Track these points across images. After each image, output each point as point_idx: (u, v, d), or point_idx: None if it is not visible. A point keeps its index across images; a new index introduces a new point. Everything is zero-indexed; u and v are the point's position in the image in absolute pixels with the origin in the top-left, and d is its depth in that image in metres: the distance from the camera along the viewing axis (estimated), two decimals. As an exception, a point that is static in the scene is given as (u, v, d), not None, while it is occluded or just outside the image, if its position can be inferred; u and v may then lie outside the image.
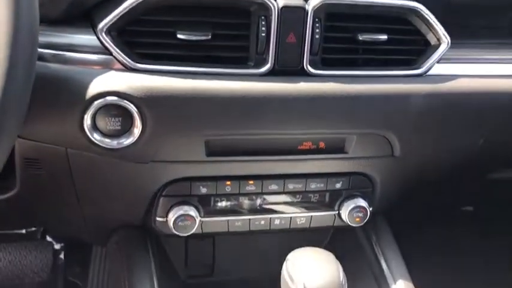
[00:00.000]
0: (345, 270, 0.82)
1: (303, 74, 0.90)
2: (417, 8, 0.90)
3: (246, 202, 1.03)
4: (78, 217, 1.07)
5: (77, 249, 1.66)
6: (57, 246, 1.73)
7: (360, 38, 0.90)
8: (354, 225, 1.06)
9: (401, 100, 0.94)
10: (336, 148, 0.99)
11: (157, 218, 1.00)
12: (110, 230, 1.12)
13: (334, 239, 1.20)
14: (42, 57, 0.83)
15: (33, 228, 1.75)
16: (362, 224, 1.06)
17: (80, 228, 1.13)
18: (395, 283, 1.05)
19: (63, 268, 1.69)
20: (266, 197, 1.03)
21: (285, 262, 0.83)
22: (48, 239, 1.73)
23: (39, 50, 0.83)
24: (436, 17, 0.92)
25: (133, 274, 1.02)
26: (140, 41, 0.84)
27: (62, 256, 1.74)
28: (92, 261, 1.54)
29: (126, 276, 1.03)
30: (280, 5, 0.85)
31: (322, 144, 0.98)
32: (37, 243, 1.62)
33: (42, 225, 1.55)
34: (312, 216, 1.06)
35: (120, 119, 0.85)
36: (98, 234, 1.17)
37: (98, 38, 0.83)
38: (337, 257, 0.83)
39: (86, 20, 0.85)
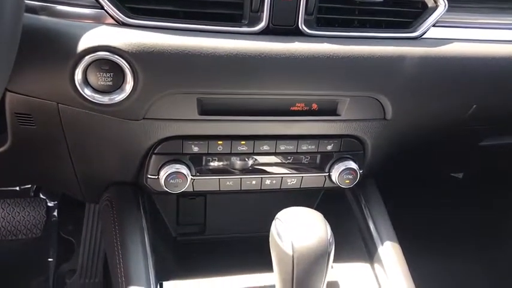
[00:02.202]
0: (333, 230, 0.84)
1: (298, 34, 0.89)
2: None
3: (237, 162, 1.04)
4: (70, 174, 1.08)
5: (70, 207, 1.68)
6: (50, 204, 1.74)
7: None
8: (343, 186, 1.07)
9: (395, 62, 0.93)
10: (328, 110, 0.99)
11: (149, 176, 1.01)
12: (102, 187, 1.13)
13: (323, 201, 1.22)
14: (32, 9, 0.81)
15: (27, 186, 1.76)
16: (352, 185, 1.07)
17: (73, 185, 1.14)
18: (382, 244, 1.07)
19: (56, 225, 1.71)
20: (258, 157, 1.04)
21: (274, 221, 0.85)
22: (42, 196, 1.74)
23: (29, 1, 0.82)
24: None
25: (125, 230, 1.03)
26: None
27: (55, 213, 1.75)
28: (85, 218, 1.55)
29: (117, 232, 1.05)
30: None
31: (314, 106, 0.98)
32: (30, 200, 1.63)
33: (35, 182, 1.56)
34: (302, 177, 1.07)
35: (111, 74, 0.84)
36: (91, 192, 1.18)
37: None
38: (326, 218, 0.85)
39: None
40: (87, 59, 0.82)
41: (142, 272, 0.96)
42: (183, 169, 0.99)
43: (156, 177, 1.00)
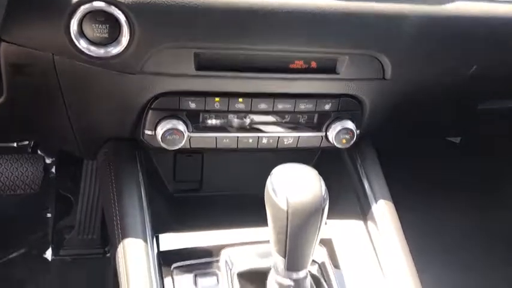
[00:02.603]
0: (328, 189, 0.84)
1: (298, -12, 0.87)
2: None
3: (235, 120, 1.04)
4: (67, 128, 1.08)
5: (68, 165, 1.69)
6: (48, 161, 1.75)
7: None
8: (340, 146, 1.07)
9: (397, 21, 0.92)
10: (327, 68, 0.98)
11: (146, 131, 1.01)
12: (99, 143, 1.13)
13: (320, 161, 1.22)
14: None
15: (24, 143, 1.76)
16: (348, 145, 1.07)
17: (70, 140, 1.14)
18: (376, 203, 1.08)
19: (54, 182, 1.72)
20: (255, 116, 1.03)
21: (269, 176, 0.85)
22: (39, 153, 1.74)
23: None
24: None
25: (121, 184, 1.04)
26: None
27: (53, 170, 1.76)
28: (83, 175, 1.56)
29: (114, 186, 1.05)
30: None
31: (313, 64, 0.97)
32: (28, 156, 1.63)
33: (33, 137, 1.56)
34: (299, 136, 1.07)
35: (107, 26, 0.82)
36: (88, 147, 1.18)
37: None
38: (322, 178, 0.85)
39: None
40: (83, 9, 0.80)
41: (138, 225, 0.97)
42: (180, 125, 0.99)
43: (153, 133, 1.00)
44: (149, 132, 1.01)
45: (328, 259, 1.00)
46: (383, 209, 1.07)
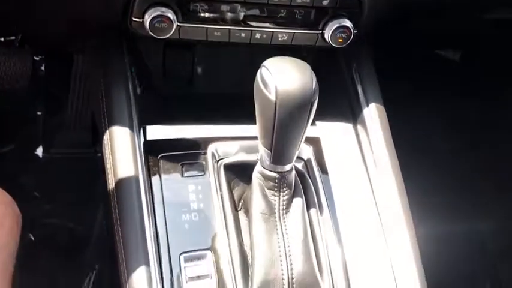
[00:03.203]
0: (320, 91, 0.82)
1: None
2: None
3: (228, 13, 0.99)
4: (54, 17, 1.03)
5: (57, 62, 1.65)
6: (36, 58, 1.70)
7: None
8: (336, 45, 1.03)
9: None
10: None
11: (134, 18, 0.97)
12: (87, 32, 1.09)
13: (314, 63, 1.18)
14: None
15: (12, 38, 1.70)
16: (344, 45, 1.04)
17: (57, 32, 1.10)
18: (367, 107, 1.07)
19: (43, 80, 1.69)
20: (249, 9, 0.99)
21: (260, 68, 0.82)
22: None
23: None
24: None
25: (109, 75, 1.02)
26: None
27: (42, 68, 1.73)
28: (73, 74, 1.54)
29: (102, 81, 1.03)
30: None
31: None
32: (15, 50, 1.58)
33: (20, 31, 1.50)
34: (294, 33, 1.03)
35: None
36: (76, 38, 1.14)
37: None
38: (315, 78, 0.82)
39: None
40: None
41: (125, 115, 0.96)
42: (169, 13, 0.95)
43: (141, 20, 0.96)
44: (137, 20, 0.96)
45: (314, 157, 1.00)
46: (374, 114, 1.06)
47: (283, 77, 0.79)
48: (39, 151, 1.67)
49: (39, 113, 1.71)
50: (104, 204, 1.04)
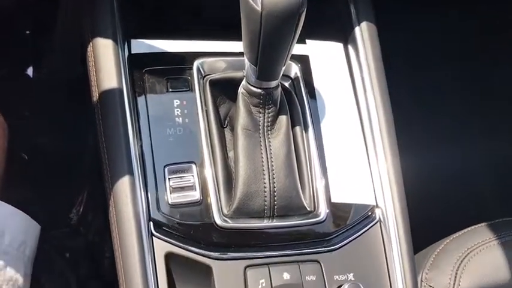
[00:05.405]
0: (313, 9, 0.79)
1: None
2: None
3: None
4: None
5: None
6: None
7: None
8: None
9: None
10: None
11: None
12: None
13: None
14: None
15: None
16: None
17: None
18: (359, 26, 1.03)
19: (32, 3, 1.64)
20: None
21: None
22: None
23: None
24: None
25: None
26: None
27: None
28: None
29: None
30: None
31: None
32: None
33: None
34: None
35: None
36: None
37: None
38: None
39: None
40: None
41: (108, 26, 0.94)
42: None
43: None
44: None
45: (302, 75, 0.99)
46: (365, 35, 1.03)
47: None
48: (30, 71, 1.65)
49: (27, 31, 1.67)
50: (90, 122, 1.03)
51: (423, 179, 1.38)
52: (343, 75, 1.02)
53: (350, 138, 0.97)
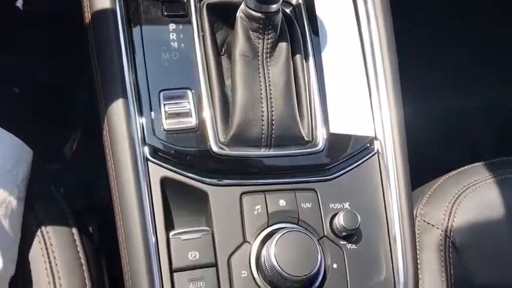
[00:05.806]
0: None
1: None
2: None
3: None
4: None
5: None
6: None
7: None
8: None
9: None
10: None
11: None
12: None
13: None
14: None
15: None
16: None
17: None
18: None
19: None
20: None
21: None
22: None
23: None
24: None
25: None
26: None
27: None
28: None
29: None
30: None
31: None
32: None
33: None
34: None
35: None
36: None
37: None
38: None
39: None
40: None
41: None
42: None
43: None
44: None
45: (304, 3, 0.95)
46: None
47: None
48: (20, 3, 1.59)
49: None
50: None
51: (424, 119, 1.36)
52: (347, 4, 0.98)
53: (351, 69, 0.94)
